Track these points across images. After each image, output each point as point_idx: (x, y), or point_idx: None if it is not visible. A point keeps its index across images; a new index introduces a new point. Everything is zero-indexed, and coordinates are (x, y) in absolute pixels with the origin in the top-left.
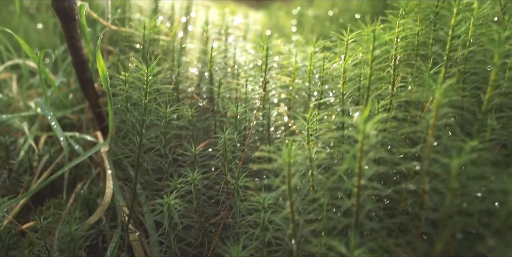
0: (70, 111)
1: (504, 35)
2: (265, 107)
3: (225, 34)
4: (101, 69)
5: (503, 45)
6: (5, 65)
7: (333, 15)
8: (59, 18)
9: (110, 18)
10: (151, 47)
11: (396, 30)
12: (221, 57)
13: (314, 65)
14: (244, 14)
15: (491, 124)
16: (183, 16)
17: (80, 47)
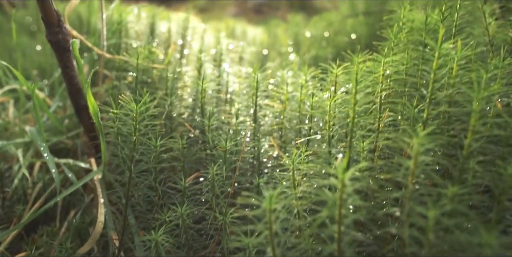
0: (65, 136)
1: (487, 76)
2: (255, 138)
3: (219, 60)
4: (92, 105)
5: (483, 91)
6: (3, 90)
7: (328, 36)
8: (53, 49)
9: (105, 45)
10: (145, 75)
11: (381, 69)
12: (215, 84)
13: (306, 93)
14: (243, 30)
15: (473, 167)
16: (179, 39)
17: (74, 76)
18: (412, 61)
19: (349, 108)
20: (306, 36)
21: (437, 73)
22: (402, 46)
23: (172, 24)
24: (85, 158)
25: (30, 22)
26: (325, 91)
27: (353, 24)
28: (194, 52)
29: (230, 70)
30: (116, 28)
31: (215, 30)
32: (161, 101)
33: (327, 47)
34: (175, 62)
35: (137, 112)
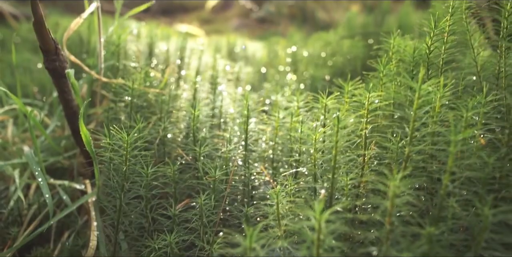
0: (62, 157)
1: (468, 114)
2: (246, 165)
3: (215, 84)
4: (84, 135)
5: (460, 134)
6: (3, 109)
7: (325, 56)
8: (50, 75)
9: (103, 68)
10: (141, 99)
11: (367, 103)
12: (209, 109)
13: (297, 121)
14: (243, 45)
15: (452, 205)
16: (178, 59)
17: (70, 100)
18: (397, 96)
19: (333, 144)
20: (304, 55)
21: (418, 112)
22: (391, 76)
23: (170, 44)
24: (81, 178)
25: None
26: (315, 120)
27: (350, 45)
28: (192, 72)
29: (226, 93)
30: (114, 50)
31: (215, 47)
32: (156, 126)
33: (324, 67)
34: (171, 85)
35: (128, 142)
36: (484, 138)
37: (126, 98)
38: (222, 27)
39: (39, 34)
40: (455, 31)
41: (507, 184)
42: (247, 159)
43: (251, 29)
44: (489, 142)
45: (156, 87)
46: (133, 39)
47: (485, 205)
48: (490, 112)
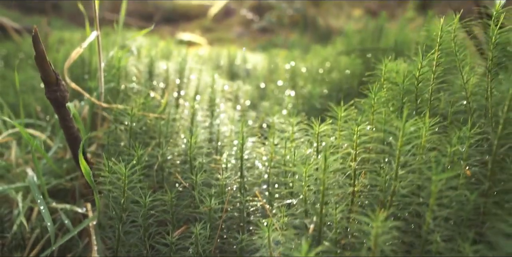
0: (64, 179)
1: (451, 149)
2: (241, 192)
3: (212, 106)
4: (83, 167)
5: (441, 174)
6: (7, 132)
7: (323, 73)
8: (52, 105)
9: (103, 92)
10: (141, 122)
11: (355, 137)
12: (207, 133)
13: (291, 147)
14: (243, 57)
15: (436, 240)
16: (177, 78)
17: (71, 127)
18: (386, 127)
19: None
20: (303, 71)
21: (403, 149)
22: (383, 103)
23: (171, 60)
24: (83, 201)
25: None
26: (309, 146)
27: (346, 62)
28: (192, 91)
29: (223, 115)
30: (115, 73)
31: (215, 60)
32: (155, 151)
33: (322, 83)
34: (171, 107)
35: (125, 175)
36: (469, 169)
37: (126, 122)
38: (224, 35)
39: (40, 67)
40: (447, 50)
41: (490, 219)
42: (242, 186)
43: (253, 37)
44: (474, 174)
45: (156, 109)
46: (134, 58)
47: (466, 241)
48: (475, 144)
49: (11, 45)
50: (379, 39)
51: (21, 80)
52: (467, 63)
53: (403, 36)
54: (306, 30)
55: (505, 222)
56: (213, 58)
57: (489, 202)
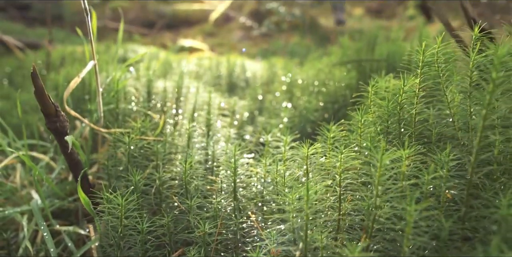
0: (67, 201)
1: (429, 177)
2: (235, 214)
3: (208, 126)
4: (82, 198)
5: (415, 206)
6: (10, 158)
7: (318, 84)
8: (52, 133)
9: (102, 116)
10: (139, 146)
11: (339, 164)
12: (204, 154)
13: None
14: (242, 65)
15: None
16: (175, 97)
17: (72, 153)
18: (369, 154)
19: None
20: (299, 82)
21: (380, 180)
22: (369, 125)
23: (168, 83)
24: (85, 222)
25: (40, 66)
26: (299, 168)
27: (341, 73)
28: (188, 109)
29: (219, 134)
30: (113, 95)
31: (214, 73)
32: (152, 175)
33: (318, 94)
34: (168, 128)
35: (122, 205)
36: (449, 192)
37: (124, 146)
38: (225, 40)
39: (40, 101)
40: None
41: (467, 243)
42: (236, 208)
43: (253, 42)
44: (454, 198)
45: (154, 130)
46: (132, 77)
47: None
48: (456, 167)
49: (14, 62)
50: (373, 49)
51: (24, 99)
52: (452, 82)
53: (395, 48)
54: (306, 32)
55: (482, 245)
56: (213, 66)
57: (466, 227)
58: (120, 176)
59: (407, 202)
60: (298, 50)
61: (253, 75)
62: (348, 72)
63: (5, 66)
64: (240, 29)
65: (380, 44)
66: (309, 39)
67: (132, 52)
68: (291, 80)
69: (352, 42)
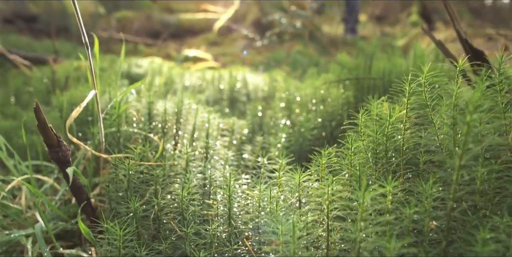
0: (70, 223)
1: (411, 211)
2: (230, 241)
3: (207, 149)
4: (83, 229)
5: (395, 243)
6: (13, 183)
7: (316, 102)
8: (55, 162)
9: (103, 141)
10: (139, 171)
11: (327, 196)
12: (201, 178)
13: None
14: (243, 78)
15: None
16: (174, 119)
17: (75, 179)
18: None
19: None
20: (297, 100)
21: (362, 216)
22: (359, 153)
23: (168, 103)
24: (87, 246)
25: (47, 84)
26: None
27: (338, 92)
28: (188, 131)
29: (217, 157)
30: (115, 119)
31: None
32: (151, 200)
33: (316, 113)
34: (168, 151)
35: (120, 236)
36: (433, 224)
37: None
38: (229, 49)
39: (43, 133)
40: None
41: None
42: (231, 234)
43: (257, 50)
44: (437, 228)
45: (154, 153)
46: (134, 98)
47: None
48: (438, 199)
49: (20, 79)
50: (370, 66)
51: (30, 119)
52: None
53: (390, 66)
54: (309, 41)
55: None
56: (215, 79)
57: None
58: (120, 201)
59: (387, 239)
60: (300, 60)
61: (254, 88)
62: (346, 89)
63: (11, 82)
64: (244, 39)
65: (378, 61)
66: (312, 47)
67: (136, 66)
68: (289, 97)
69: (350, 58)
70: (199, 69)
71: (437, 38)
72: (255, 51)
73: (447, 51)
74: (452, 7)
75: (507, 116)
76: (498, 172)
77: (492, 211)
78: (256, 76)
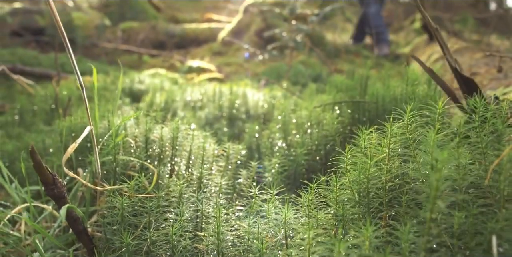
0: (67, 252)
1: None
2: None
3: (200, 179)
4: None
5: None
6: (12, 212)
7: (310, 125)
8: (51, 198)
9: (99, 172)
10: (134, 203)
11: (308, 240)
12: (193, 210)
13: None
14: (243, 94)
15: None
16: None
17: (70, 212)
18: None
19: None
20: (293, 122)
21: None
22: (344, 191)
23: (165, 129)
24: None
25: (50, 102)
26: (280, 230)
27: (334, 114)
28: (183, 158)
29: (211, 186)
30: (113, 147)
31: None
32: (143, 234)
33: (311, 136)
34: (163, 178)
35: None
36: None
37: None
38: (232, 59)
39: (38, 172)
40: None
41: None
42: None
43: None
44: None
45: (150, 179)
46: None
47: None
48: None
49: (25, 97)
50: (365, 89)
51: (33, 141)
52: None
53: (383, 91)
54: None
55: None
56: (216, 94)
57: None
58: (115, 232)
59: None
60: (302, 71)
61: (254, 105)
62: (341, 111)
63: (17, 99)
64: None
65: (373, 82)
66: (315, 56)
67: (138, 83)
68: (285, 119)
69: (345, 80)
70: (202, 80)
71: (427, 66)
72: (259, 61)
73: (438, 78)
74: (442, 36)
75: (487, 158)
76: (475, 216)
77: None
78: (257, 90)
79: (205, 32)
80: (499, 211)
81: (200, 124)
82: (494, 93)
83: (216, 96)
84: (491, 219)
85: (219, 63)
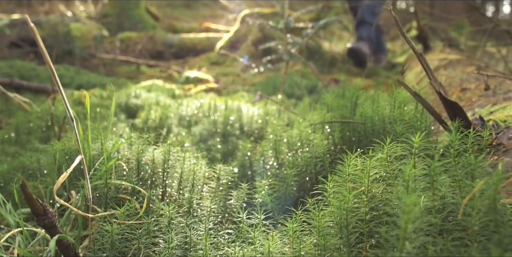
0: None
1: None
2: None
3: (190, 203)
4: None
5: None
6: (4, 238)
7: (300, 145)
8: (42, 228)
9: (90, 198)
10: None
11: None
12: (182, 237)
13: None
14: (238, 108)
15: None
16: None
17: (61, 240)
18: None
19: None
20: (284, 141)
21: None
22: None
23: (156, 151)
24: None
25: (46, 118)
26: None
27: (324, 134)
28: (176, 178)
29: (200, 211)
30: (104, 171)
31: (210, 121)
32: None
33: (302, 155)
34: (155, 202)
35: None
36: None
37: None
38: (230, 69)
39: (29, 204)
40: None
41: None
42: None
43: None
44: None
45: (141, 203)
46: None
47: None
48: None
49: (21, 115)
50: (355, 109)
51: (28, 161)
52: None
53: (371, 112)
54: (310, 59)
55: None
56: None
57: None
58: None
59: None
60: (298, 83)
61: (248, 121)
62: (331, 129)
63: (14, 115)
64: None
65: (362, 103)
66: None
67: (134, 97)
68: (276, 139)
69: (335, 100)
70: (199, 91)
71: (413, 90)
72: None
73: (424, 102)
74: (427, 60)
75: (463, 189)
76: (449, 250)
77: None
78: (252, 104)
79: (203, 41)
80: (472, 244)
81: (194, 140)
82: (480, 113)
83: (211, 110)
84: (464, 252)
85: (217, 73)
